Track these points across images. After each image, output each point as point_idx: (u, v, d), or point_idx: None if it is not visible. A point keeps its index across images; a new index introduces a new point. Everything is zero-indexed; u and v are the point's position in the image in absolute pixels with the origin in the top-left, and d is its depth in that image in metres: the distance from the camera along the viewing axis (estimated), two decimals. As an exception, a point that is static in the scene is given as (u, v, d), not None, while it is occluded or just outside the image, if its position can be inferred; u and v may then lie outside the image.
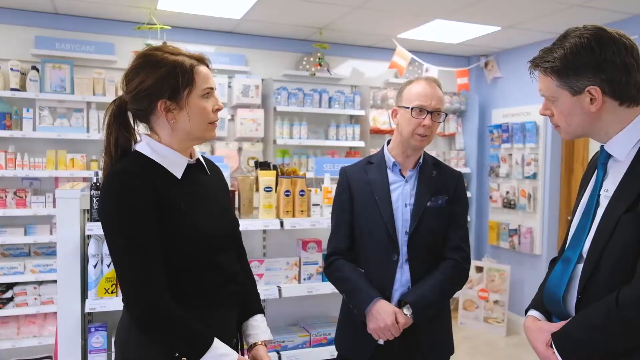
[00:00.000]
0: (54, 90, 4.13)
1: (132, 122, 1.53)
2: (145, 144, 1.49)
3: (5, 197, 4.01)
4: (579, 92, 1.35)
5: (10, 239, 4.02)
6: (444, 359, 2.07)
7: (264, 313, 1.73)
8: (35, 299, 4.00)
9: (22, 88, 4.08)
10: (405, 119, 1.96)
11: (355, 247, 2.04)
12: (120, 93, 1.53)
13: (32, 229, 4.10)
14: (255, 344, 1.65)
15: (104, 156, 1.51)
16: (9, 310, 3.93)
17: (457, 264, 1.97)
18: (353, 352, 2.05)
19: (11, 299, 3.96)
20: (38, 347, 3.99)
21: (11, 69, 4.01)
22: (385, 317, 1.86)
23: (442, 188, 2.00)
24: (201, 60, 1.50)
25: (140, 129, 1.56)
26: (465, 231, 2.03)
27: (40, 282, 4.04)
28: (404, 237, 1.95)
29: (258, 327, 1.67)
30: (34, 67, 4.08)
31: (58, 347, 2.27)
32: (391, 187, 2.00)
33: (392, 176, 2.02)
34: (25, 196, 4.06)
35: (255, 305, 1.72)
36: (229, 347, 1.46)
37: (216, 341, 1.43)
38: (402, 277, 1.96)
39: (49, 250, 4.19)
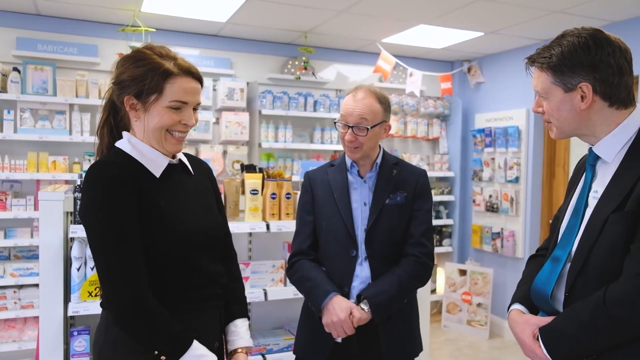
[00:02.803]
0: (35, 92, 4.07)
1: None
2: (125, 141, 1.48)
3: (-15, 200, 3.94)
4: (571, 89, 1.38)
5: (-10, 242, 3.95)
6: None
7: (247, 317, 1.70)
8: (15, 303, 3.92)
9: (3, 89, 4.01)
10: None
11: (318, 245, 2.06)
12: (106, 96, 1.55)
13: (12, 232, 4.03)
14: (235, 351, 1.62)
15: (95, 137, 1.54)
16: (-13, 315, 3.85)
17: (417, 259, 1.96)
18: (310, 352, 2.04)
19: (-10, 303, 3.89)
20: (18, 352, 3.91)
21: (-8, 70, 3.95)
22: (339, 312, 1.86)
23: (401, 185, 2.01)
24: (187, 72, 1.45)
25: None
26: (427, 227, 2.02)
27: (21, 286, 3.98)
28: (363, 234, 1.97)
29: (237, 333, 1.64)
30: (15, 69, 4.02)
31: (40, 351, 2.24)
32: (351, 188, 2.03)
33: (351, 178, 2.05)
34: (6, 199, 3.99)
35: (238, 309, 1.68)
36: (207, 349, 1.44)
37: (195, 342, 1.41)
38: (362, 273, 1.97)
39: (29, 254, 4.12)
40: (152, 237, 1.41)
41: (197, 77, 1.48)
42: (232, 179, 2.68)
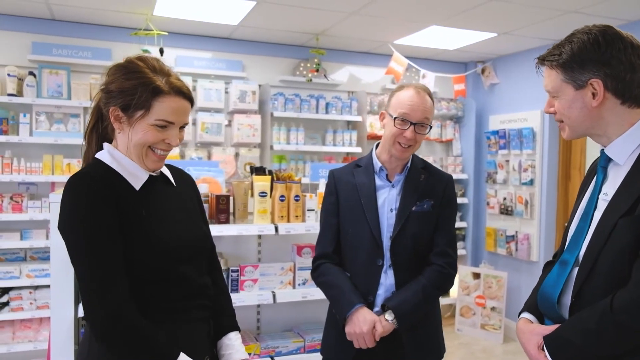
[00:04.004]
0: (50, 96, 4.14)
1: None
2: (106, 152, 1.45)
3: (2, 201, 4.01)
4: (582, 86, 1.35)
5: (6, 243, 4.01)
6: None
7: (239, 330, 1.66)
8: (31, 303, 3.99)
9: (19, 93, 4.09)
10: (390, 126, 1.95)
11: (341, 250, 2.04)
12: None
13: (28, 234, 4.09)
14: None
15: (83, 142, 1.51)
16: (4, 315, 3.92)
17: (441, 269, 1.95)
18: (336, 354, 2.04)
19: (6, 303, 3.95)
20: (33, 352, 3.98)
21: (8, 75, 4.02)
22: (363, 325, 1.85)
23: (429, 192, 1.98)
24: (178, 91, 1.41)
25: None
26: (452, 236, 2.01)
27: (36, 287, 4.04)
28: (388, 241, 1.94)
29: (232, 347, 1.59)
30: (31, 73, 4.09)
31: (51, 352, 2.26)
32: (378, 192, 1.99)
33: (378, 181, 2.01)
34: (22, 201, 4.06)
35: (229, 322, 1.64)
36: None
37: (183, 355, 1.37)
38: (387, 281, 1.95)
39: (44, 255, 4.18)
40: (135, 248, 1.37)
41: (188, 98, 1.44)
42: (240, 181, 2.68)
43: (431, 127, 1.96)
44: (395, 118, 1.91)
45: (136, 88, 1.37)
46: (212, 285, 1.59)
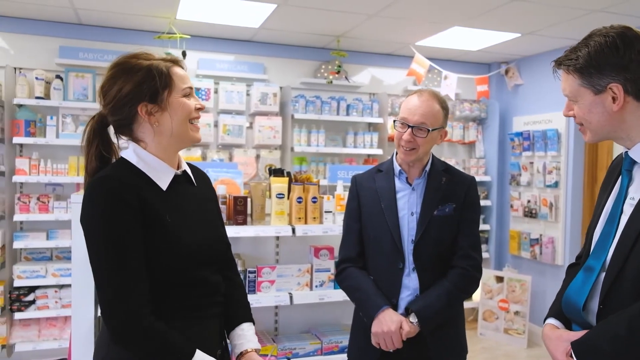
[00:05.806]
0: (77, 99, 4.23)
1: (113, 138, 1.51)
2: (132, 151, 1.45)
3: (29, 202, 4.11)
4: (601, 91, 1.32)
5: (33, 243, 4.11)
6: None
7: (252, 322, 1.67)
8: (56, 302, 4.08)
9: (47, 96, 4.19)
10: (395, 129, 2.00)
11: (364, 253, 2.06)
12: None
13: (54, 234, 4.19)
14: (245, 351, 1.59)
15: (84, 174, 1.50)
16: (30, 313, 4.02)
17: (465, 272, 1.95)
18: (361, 357, 2.05)
19: (33, 302, 4.05)
20: (58, 350, 4.07)
21: (36, 78, 4.12)
22: (390, 324, 1.87)
23: (450, 195, 1.98)
24: (175, 62, 1.49)
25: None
26: (475, 238, 2.00)
27: (61, 286, 4.13)
28: (410, 245, 1.95)
29: (244, 337, 1.61)
30: (58, 76, 4.19)
31: (72, 350, 2.31)
32: (398, 195, 2.00)
33: (399, 184, 2.02)
34: (48, 201, 4.15)
35: (243, 314, 1.66)
36: (212, 358, 1.42)
37: (199, 353, 1.38)
38: (411, 284, 1.95)
39: (69, 255, 4.25)
40: (155, 251, 1.38)
41: (182, 65, 1.52)
42: (258, 182, 2.70)
43: (430, 131, 1.91)
44: (394, 121, 1.98)
45: (150, 72, 1.41)
46: (223, 281, 1.60)
